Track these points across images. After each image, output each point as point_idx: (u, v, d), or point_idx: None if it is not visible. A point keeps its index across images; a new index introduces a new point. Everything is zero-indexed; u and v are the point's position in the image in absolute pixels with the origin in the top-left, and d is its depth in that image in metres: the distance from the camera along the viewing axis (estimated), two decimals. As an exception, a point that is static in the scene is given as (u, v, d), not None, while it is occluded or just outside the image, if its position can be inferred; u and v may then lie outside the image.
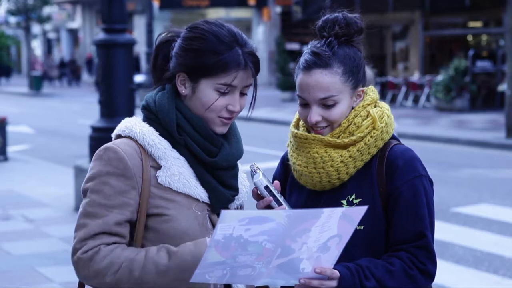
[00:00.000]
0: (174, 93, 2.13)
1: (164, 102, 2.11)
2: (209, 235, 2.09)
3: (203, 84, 2.08)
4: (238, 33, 2.10)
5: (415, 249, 2.16)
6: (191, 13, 33.80)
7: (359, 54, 2.25)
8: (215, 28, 2.08)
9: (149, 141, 2.07)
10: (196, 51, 2.07)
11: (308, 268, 1.98)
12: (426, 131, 16.34)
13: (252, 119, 19.56)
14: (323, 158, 2.21)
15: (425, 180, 2.21)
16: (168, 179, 2.07)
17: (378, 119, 2.24)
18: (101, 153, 2.06)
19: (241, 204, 2.24)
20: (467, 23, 25.73)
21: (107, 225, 1.99)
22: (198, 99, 2.09)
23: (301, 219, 1.87)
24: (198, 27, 2.10)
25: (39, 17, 39.22)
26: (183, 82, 2.11)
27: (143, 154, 2.07)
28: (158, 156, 2.08)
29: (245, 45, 2.09)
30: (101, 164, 2.04)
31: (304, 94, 2.22)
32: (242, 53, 2.07)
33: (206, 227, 2.10)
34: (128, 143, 2.08)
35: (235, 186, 2.17)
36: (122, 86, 8.16)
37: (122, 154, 2.04)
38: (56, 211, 8.56)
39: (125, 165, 2.03)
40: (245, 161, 2.29)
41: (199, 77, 2.08)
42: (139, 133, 2.09)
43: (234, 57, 2.06)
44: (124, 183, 2.02)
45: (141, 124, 2.12)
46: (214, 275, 1.89)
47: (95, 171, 2.05)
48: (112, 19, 8.10)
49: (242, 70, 2.07)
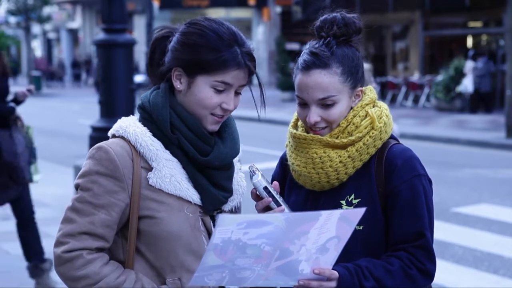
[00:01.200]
0: (168, 91, 2.13)
1: (158, 101, 2.10)
2: (202, 236, 2.09)
3: (200, 80, 2.07)
4: (237, 32, 2.10)
5: (414, 249, 2.16)
6: (191, 13, 33.77)
7: (357, 54, 2.25)
8: (215, 25, 2.08)
9: (141, 142, 2.07)
10: (195, 47, 2.06)
11: (307, 269, 1.98)
12: (426, 131, 16.34)
13: (252, 119, 19.57)
14: (322, 159, 2.21)
15: (424, 180, 2.21)
16: (159, 181, 2.06)
17: (377, 119, 2.23)
18: (93, 151, 2.08)
19: (236, 206, 2.22)
20: (467, 23, 25.72)
21: (93, 226, 2.01)
22: (193, 95, 2.08)
23: (299, 222, 1.87)
24: (198, 23, 2.10)
25: (39, 17, 39.18)
26: (179, 77, 2.10)
27: (134, 155, 2.07)
28: (149, 158, 2.07)
29: (243, 45, 2.09)
30: (92, 163, 2.06)
31: (303, 94, 2.21)
32: (241, 52, 2.07)
33: (199, 229, 2.10)
34: (120, 143, 2.08)
35: (229, 187, 2.16)
36: (122, 86, 8.15)
37: (112, 155, 2.04)
38: (56, 211, 8.56)
39: (115, 165, 2.04)
40: (245, 161, 2.29)
41: (196, 73, 2.07)
42: (132, 134, 2.09)
43: (233, 56, 2.05)
44: (113, 183, 2.03)
45: (135, 124, 2.12)
46: (213, 278, 1.89)
47: (86, 169, 2.06)
48: (112, 19, 8.09)
49: (240, 69, 2.07)
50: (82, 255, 1.99)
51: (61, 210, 2.14)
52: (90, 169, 2.05)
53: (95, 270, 1.99)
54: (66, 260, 1.99)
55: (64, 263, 2.00)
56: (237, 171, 2.24)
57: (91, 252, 2.01)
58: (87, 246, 2.00)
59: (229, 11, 34.83)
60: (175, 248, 2.06)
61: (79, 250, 2.00)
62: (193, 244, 2.08)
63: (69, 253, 1.99)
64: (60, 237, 2.02)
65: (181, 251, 2.07)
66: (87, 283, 1.98)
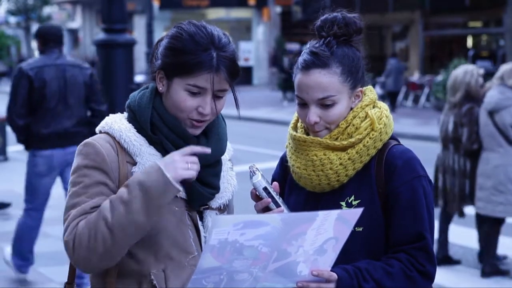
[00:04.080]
0: (155, 92, 2.16)
1: (142, 101, 2.14)
2: (188, 230, 2.11)
3: (175, 83, 2.09)
4: (217, 36, 2.09)
5: (414, 251, 2.14)
6: (191, 13, 33.76)
7: (358, 54, 2.24)
8: (193, 29, 2.09)
9: (125, 138, 2.11)
10: (172, 50, 2.09)
11: (305, 271, 1.97)
12: (426, 131, 16.33)
13: (252, 119, 19.56)
14: (322, 161, 2.20)
15: (424, 181, 2.19)
16: None
17: (377, 120, 2.22)
18: (80, 148, 2.12)
19: (225, 203, 2.22)
20: (467, 23, 25.72)
21: (84, 210, 2.03)
22: (171, 98, 2.11)
23: (296, 222, 1.86)
24: (180, 26, 2.13)
25: (39, 17, 39.18)
26: (162, 80, 2.13)
27: (119, 150, 2.10)
28: (133, 153, 2.10)
29: (221, 49, 2.08)
30: (80, 158, 2.09)
31: (303, 94, 2.20)
32: (217, 56, 2.06)
33: (185, 223, 2.11)
34: (106, 138, 2.12)
35: (215, 184, 2.17)
36: (122, 86, 8.15)
37: (99, 148, 2.08)
38: (56, 211, 8.55)
39: (103, 158, 2.07)
40: (246, 161, 2.29)
41: (173, 76, 2.09)
42: (116, 130, 2.12)
43: (205, 59, 2.05)
44: (102, 175, 2.06)
45: (121, 121, 2.15)
46: (211, 281, 1.88)
47: (75, 166, 2.10)
48: (112, 19, 8.09)
49: (213, 73, 2.06)
50: (78, 223, 2.01)
51: (61, 210, 2.14)
52: (78, 164, 2.09)
53: (89, 217, 2.00)
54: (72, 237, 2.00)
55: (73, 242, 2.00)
56: (226, 169, 2.24)
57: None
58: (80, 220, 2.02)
59: (229, 11, 34.81)
60: (160, 240, 2.07)
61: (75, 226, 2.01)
62: (179, 238, 2.09)
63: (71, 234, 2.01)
64: (64, 237, 2.03)
65: (166, 243, 2.07)
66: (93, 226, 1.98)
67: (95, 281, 2.15)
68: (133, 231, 1.98)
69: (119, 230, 1.97)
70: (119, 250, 2.00)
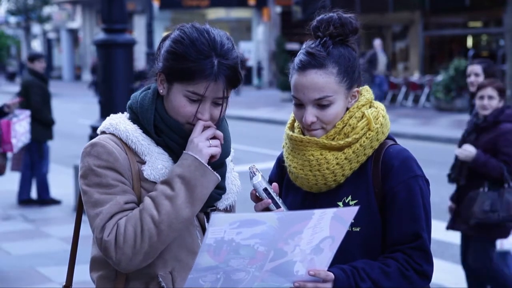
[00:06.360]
0: (156, 93, 2.14)
1: (145, 103, 2.13)
2: (196, 231, 2.11)
3: (175, 88, 2.08)
4: (220, 42, 2.06)
5: (411, 250, 2.15)
6: (191, 13, 33.74)
7: (354, 54, 2.23)
8: (195, 34, 2.06)
9: (133, 139, 2.09)
10: (173, 54, 2.07)
11: (302, 270, 1.97)
12: (426, 131, 16.33)
13: (252, 119, 19.56)
14: (319, 161, 2.20)
15: (421, 181, 2.20)
16: (153, 172, 2.07)
17: (373, 120, 2.22)
18: (88, 149, 2.07)
19: (231, 204, 2.23)
20: (467, 23, 25.72)
21: (119, 205, 2.01)
22: (171, 102, 2.10)
23: (292, 221, 1.86)
24: (183, 29, 2.10)
25: (39, 17, 39.19)
26: (163, 82, 2.12)
27: (127, 150, 2.08)
28: (142, 152, 2.09)
29: (223, 56, 2.05)
30: (91, 160, 2.05)
31: (299, 95, 2.20)
32: (218, 64, 2.03)
33: (193, 223, 2.11)
34: (113, 139, 2.10)
35: (221, 185, 2.17)
36: (122, 86, 8.16)
37: (110, 148, 2.05)
38: (56, 211, 8.56)
39: (115, 158, 2.05)
40: (246, 162, 2.29)
41: (173, 80, 2.08)
42: (123, 131, 2.10)
43: (204, 67, 2.03)
44: (116, 174, 2.04)
45: (125, 122, 2.14)
46: (208, 280, 1.88)
47: (87, 167, 2.05)
48: (112, 19, 8.10)
49: (213, 81, 2.03)
50: (118, 224, 1.99)
51: (61, 210, 2.15)
52: (90, 166, 2.04)
53: (132, 216, 1.99)
54: (113, 238, 1.97)
55: (114, 243, 1.97)
56: (230, 170, 2.25)
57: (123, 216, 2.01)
58: (119, 218, 2.00)
59: (229, 11, 34.79)
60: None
61: (114, 225, 1.98)
62: (187, 239, 2.10)
63: (111, 234, 1.98)
64: (98, 234, 2.00)
65: (174, 245, 2.07)
66: (139, 226, 1.97)
67: (101, 283, 2.12)
68: (179, 226, 1.99)
69: (166, 226, 1.97)
70: (161, 247, 2.00)
